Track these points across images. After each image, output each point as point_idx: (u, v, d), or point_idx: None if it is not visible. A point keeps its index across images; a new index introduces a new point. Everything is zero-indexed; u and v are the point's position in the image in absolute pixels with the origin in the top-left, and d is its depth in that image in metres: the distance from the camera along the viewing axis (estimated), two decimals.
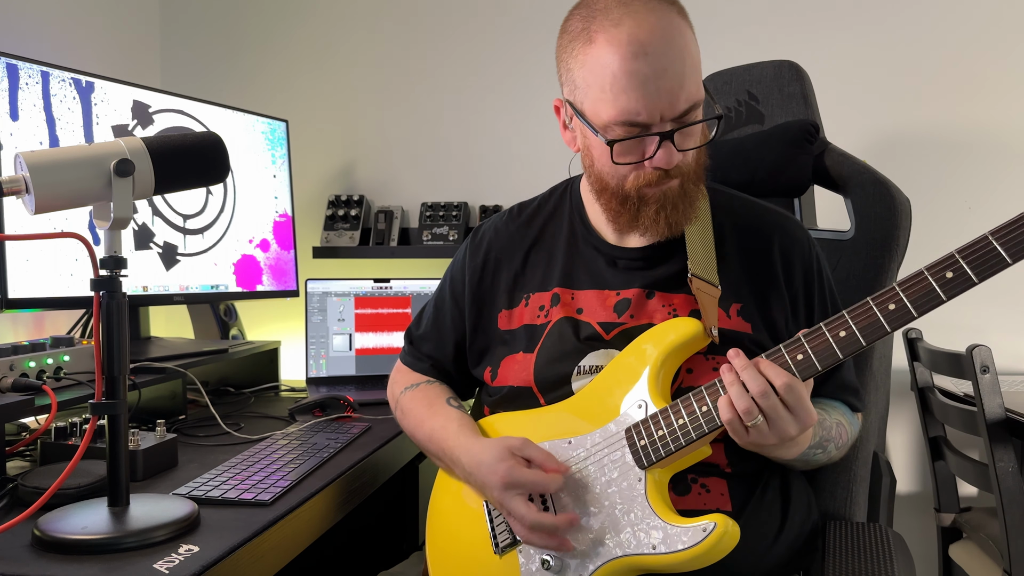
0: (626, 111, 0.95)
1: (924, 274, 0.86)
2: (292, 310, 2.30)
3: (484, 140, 2.35)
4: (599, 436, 1.00)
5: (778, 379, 0.88)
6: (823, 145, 1.35)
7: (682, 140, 0.98)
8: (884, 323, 0.87)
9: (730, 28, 2.21)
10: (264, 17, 2.45)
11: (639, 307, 1.07)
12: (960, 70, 2.11)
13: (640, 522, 0.94)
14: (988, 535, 1.84)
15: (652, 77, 0.93)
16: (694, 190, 1.04)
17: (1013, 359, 2.12)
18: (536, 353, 1.09)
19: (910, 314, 0.86)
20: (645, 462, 0.95)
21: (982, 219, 2.12)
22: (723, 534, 0.89)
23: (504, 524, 1.02)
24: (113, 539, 0.90)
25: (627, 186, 1.02)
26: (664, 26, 0.94)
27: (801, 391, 0.89)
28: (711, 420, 0.93)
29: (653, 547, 0.92)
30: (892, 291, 0.87)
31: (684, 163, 1.01)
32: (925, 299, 0.86)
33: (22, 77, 1.45)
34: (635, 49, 0.93)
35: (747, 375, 0.89)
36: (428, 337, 1.23)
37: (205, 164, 1.03)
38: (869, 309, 0.88)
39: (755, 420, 0.88)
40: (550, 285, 1.13)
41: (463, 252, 1.23)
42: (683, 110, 0.96)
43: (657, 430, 0.95)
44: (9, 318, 1.81)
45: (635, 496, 0.95)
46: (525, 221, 1.20)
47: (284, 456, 1.25)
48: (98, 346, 0.94)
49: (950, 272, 0.85)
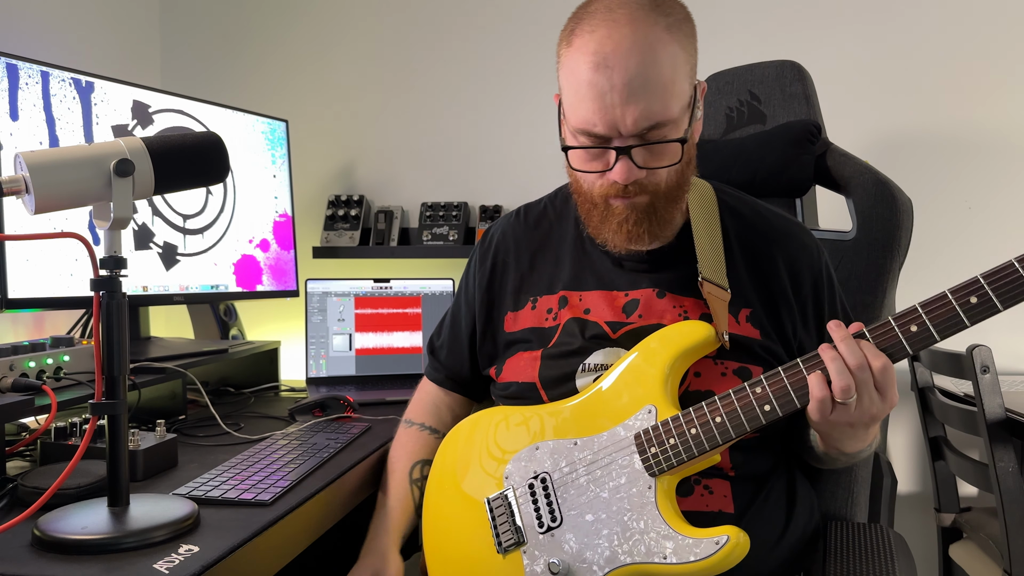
0: (584, 121, 0.95)
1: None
2: (292, 310, 2.30)
3: (484, 140, 2.34)
4: (607, 439, 0.99)
5: (875, 360, 0.87)
6: (825, 145, 1.35)
7: (647, 157, 0.96)
8: (964, 317, 0.85)
9: (732, 28, 2.20)
10: (264, 17, 2.45)
11: (648, 307, 1.06)
12: (961, 71, 2.11)
13: (650, 530, 0.93)
14: (988, 535, 1.84)
15: (609, 91, 0.92)
16: (667, 208, 1.02)
17: (1013, 359, 2.12)
18: (542, 352, 1.09)
19: (995, 307, 0.84)
20: (656, 470, 0.94)
21: (982, 219, 2.13)
22: (734, 547, 0.89)
23: (507, 523, 1.01)
24: (113, 539, 0.90)
25: (595, 192, 1.01)
26: (635, 40, 0.92)
27: (894, 375, 0.88)
28: (725, 432, 0.92)
29: (664, 557, 0.91)
30: (974, 282, 0.85)
31: (651, 180, 0.98)
32: (1010, 289, 0.83)
33: (22, 77, 1.45)
34: (598, 60, 0.93)
35: (846, 346, 0.87)
36: (446, 346, 1.27)
37: (205, 164, 1.03)
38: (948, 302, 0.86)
39: (850, 398, 0.86)
40: (557, 288, 1.13)
41: (473, 257, 1.24)
42: (643, 128, 0.93)
43: (668, 438, 0.94)
44: (9, 318, 1.81)
45: (645, 504, 0.94)
46: (532, 223, 1.20)
47: (284, 456, 1.25)
48: (98, 346, 0.93)
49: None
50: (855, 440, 0.95)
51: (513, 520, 1.01)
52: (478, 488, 1.06)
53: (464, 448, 1.11)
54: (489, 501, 1.04)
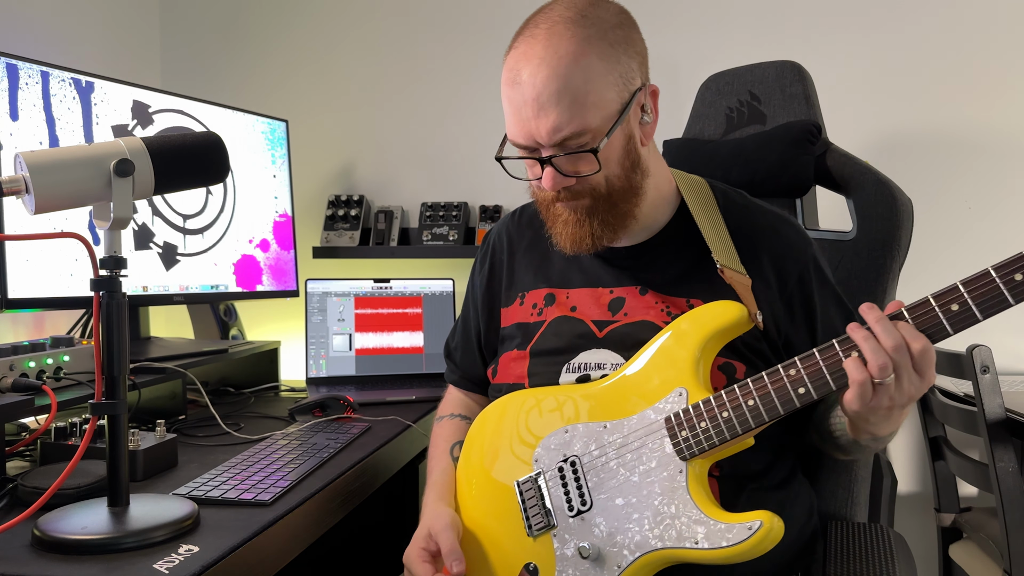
0: (510, 133, 1.01)
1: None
2: (292, 310, 2.30)
3: (484, 140, 2.34)
4: (637, 422, 0.98)
5: (915, 342, 0.85)
6: (825, 146, 1.35)
7: (573, 165, 0.99)
8: (1008, 295, 0.82)
9: (732, 29, 2.20)
10: (264, 17, 2.45)
11: (633, 306, 1.07)
12: (962, 71, 2.11)
13: (681, 515, 0.92)
14: (988, 535, 1.84)
15: (522, 105, 0.97)
16: (614, 208, 1.03)
17: (1013, 359, 2.12)
18: (529, 350, 1.11)
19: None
20: (687, 454, 0.94)
21: (982, 220, 2.13)
22: (768, 531, 0.87)
23: (537, 507, 1.01)
24: (113, 539, 0.90)
25: (539, 197, 1.06)
26: (545, 56, 0.95)
27: (933, 356, 0.86)
28: (758, 415, 0.91)
29: (696, 542, 0.90)
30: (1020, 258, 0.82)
31: (587, 184, 1.00)
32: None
33: (22, 77, 1.45)
34: (513, 75, 0.98)
35: (881, 328, 0.86)
36: (460, 347, 1.30)
37: (205, 164, 1.03)
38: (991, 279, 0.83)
39: (888, 377, 0.85)
40: (543, 284, 1.14)
41: (476, 259, 1.28)
42: (558, 139, 0.96)
43: (700, 422, 0.93)
44: (9, 318, 1.81)
45: (676, 488, 0.93)
46: (526, 222, 1.23)
47: (284, 456, 1.25)
48: (98, 346, 0.94)
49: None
50: (889, 422, 0.93)
51: (543, 504, 1.00)
52: (508, 472, 1.05)
53: (493, 433, 1.10)
54: (519, 484, 1.03)
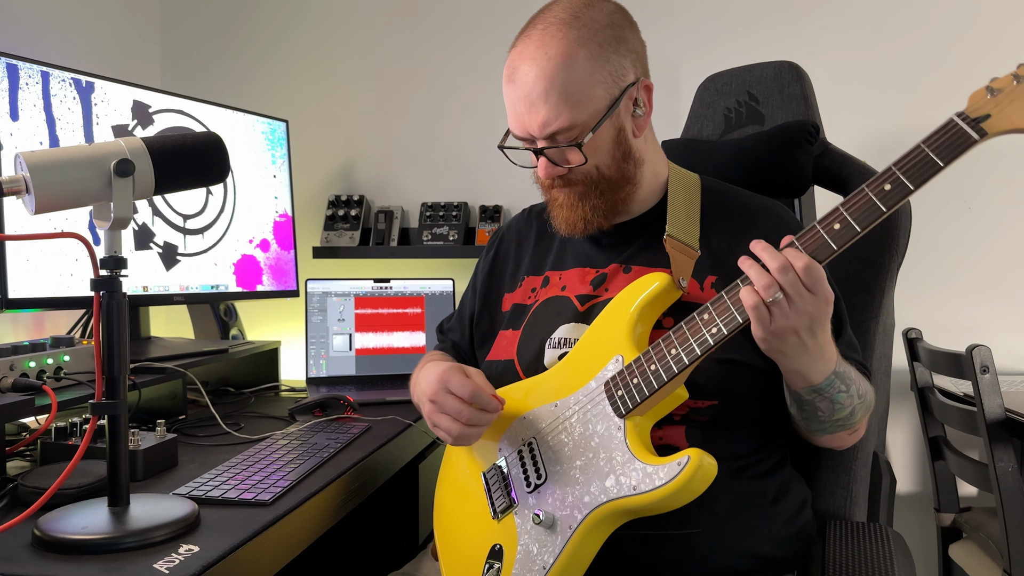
0: (510, 126, 1.09)
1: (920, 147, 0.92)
2: (292, 310, 2.30)
3: (484, 140, 2.34)
4: (582, 395, 1.03)
5: (797, 260, 0.89)
6: (823, 145, 1.35)
7: (563, 156, 1.07)
8: (879, 203, 0.89)
9: (731, 29, 2.21)
10: (264, 17, 2.45)
11: (613, 280, 1.12)
12: (960, 71, 2.11)
13: (621, 467, 0.96)
14: (988, 535, 1.84)
15: (516, 101, 1.06)
16: (606, 195, 1.10)
17: (1013, 359, 2.12)
18: (521, 330, 1.17)
19: (906, 188, 0.89)
20: (623, 410, 0.98)
21: (982, 220, 2.13)
22: (698, 466, 0.89)
23: (500, 490, 1.06)
24: (113, 539, 0.90)
25: (541, 182, 1.14)
26: (537, 55, 1.03)
27: (820, 272, 0.90)
28: (679, 360, 0.95)
29: (634, 487, 0.93)
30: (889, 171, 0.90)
31: (579, 173, 1.08)
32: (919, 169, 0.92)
33: (22, 77, 1.45)
34: (509, 73, 1.06)
35: (766, 255, 0.91)
36: (454, 327, 1.36)
37: (205, 164, 1.03)
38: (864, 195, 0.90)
39: (776, 295, 0.88)
40: (543, 269, 1.21)
41: (485, 248, 1.35)
42: (547, 133, 1.04)
43: (632, 379, 0.98)
44: (9, 318, 1.81)
45: (615, 444, 0.97)
46: (536, 215, 1.31)
47: (284, 456, 1.25)
48: (98, 346, 0.94)
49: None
50: (809, 356, 0.93)
51: (506, 486, 1.06)
52: (477, 468, 1.12)
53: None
54: (484, 475, 1.09)
